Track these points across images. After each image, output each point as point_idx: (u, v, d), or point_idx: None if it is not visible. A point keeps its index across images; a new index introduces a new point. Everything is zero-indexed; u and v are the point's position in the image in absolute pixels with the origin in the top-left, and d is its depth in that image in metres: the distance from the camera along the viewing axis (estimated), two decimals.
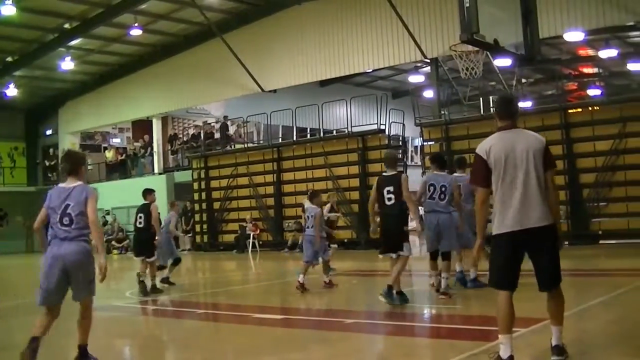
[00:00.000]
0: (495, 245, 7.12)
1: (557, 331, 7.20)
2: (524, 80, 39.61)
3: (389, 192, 11.74)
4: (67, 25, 34.05)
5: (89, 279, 8.16)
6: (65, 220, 8.12)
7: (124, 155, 44.95)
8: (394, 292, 11.79)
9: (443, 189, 12.42)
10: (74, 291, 8.15)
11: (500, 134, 7.25)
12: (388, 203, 11.84)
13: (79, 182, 8.56)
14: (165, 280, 17.28)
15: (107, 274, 7.99)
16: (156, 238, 16.17)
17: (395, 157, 13.49)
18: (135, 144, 44.86)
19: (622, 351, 7.87)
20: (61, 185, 8.67)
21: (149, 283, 16.17)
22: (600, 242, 24.95)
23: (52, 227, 8.13)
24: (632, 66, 39.85)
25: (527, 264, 7.17)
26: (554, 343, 7.23)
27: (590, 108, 27.03)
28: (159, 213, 16.60)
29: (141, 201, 16.64)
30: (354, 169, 30.84)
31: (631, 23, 28.80)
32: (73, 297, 8.16)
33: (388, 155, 12.88)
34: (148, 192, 16.69)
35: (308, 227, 15.12)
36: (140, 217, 16.40)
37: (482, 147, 7.18)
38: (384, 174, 12.12)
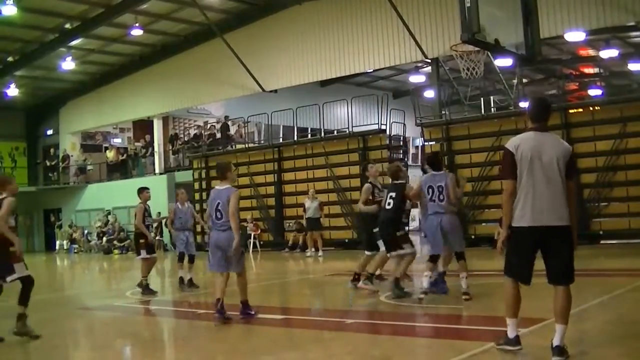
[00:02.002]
0: (515, 237, 7.44)
1: (561, 330, 7.35)
2: (524, 80, 39.59)
3: (390, 197, 13.01)
4: (67, 25, 34.04)
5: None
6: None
7: (124, 155, 44.92)
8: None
9: (440, 189, 12.40)
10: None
11: (531, 134, 7.61)
12: (387, 207, 13.08)
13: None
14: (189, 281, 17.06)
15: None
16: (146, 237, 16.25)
17: (394, 170, 13.95)
18: (137, 144, 44.84)
19: (622, 352, 7.86)
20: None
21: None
22: (601, 242, 24.93)
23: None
24: (633, 66, 39.86)
25: (538, 264, 7.21)
26: (555, 343, 7.35)
27: (590, 108, 27.02)
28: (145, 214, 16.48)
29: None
30: (355, 169, 30.80)
31: (632, 23, 28.80)
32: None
33: (389, 168, 14.33)
34: (140, 191, 16.68)
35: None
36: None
37: (512, 143, 7.52)
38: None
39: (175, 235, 17.38)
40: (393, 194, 13.11)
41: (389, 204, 13.21)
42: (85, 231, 42.26)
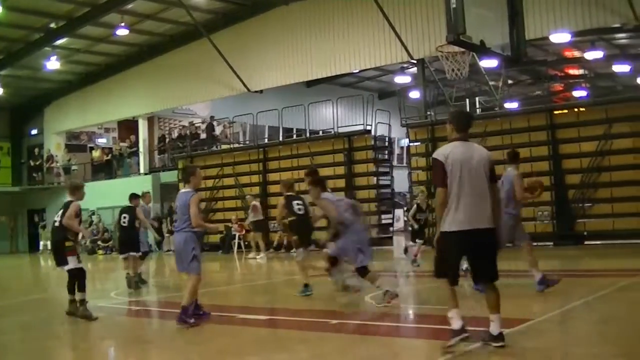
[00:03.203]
0: (445, 241, 7.94)
1: (497, 319, 8.01)
2: (510, 82, 39.68)
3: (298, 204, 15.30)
4: (52, 25, 33.84)
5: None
6: None
7: (109, 155, 44.75)
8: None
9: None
10: None
11: (457, 143, 8.03)
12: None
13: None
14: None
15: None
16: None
17: (290, 184, 16.34)
18: (122, 144, 44.69)
19: (606, 351, 7.88)
20: None
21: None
22: (586, 242, 25.04)
23: None
24: (618, 68, 39.99)
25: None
26: (496, 331, 7.99)
27: (576, 109, 27.14)
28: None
29: (126, 201, 17.44)
30: (340, 170, 30.86)
31: (617, 25, 28.90)
32: None
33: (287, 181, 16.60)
34: (134, 197, 18.06)
35: None
36: (125, 217, 17.52)
37: (441, 152, 8.00)
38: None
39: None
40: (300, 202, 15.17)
41: (299, 209, 15.29)
42: None
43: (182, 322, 10.81)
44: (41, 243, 43.22)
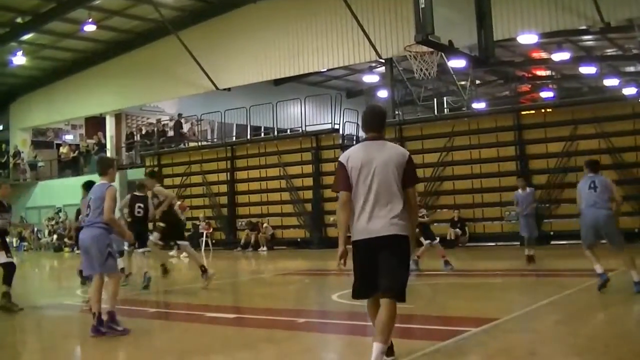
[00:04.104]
0: (354, 252, 7.08)
1: (378, 349, 6.68)
2: (477, 82, 39.87)
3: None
4: (19, 20, 33.55)
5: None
6: None
7: (76, 152, 44.42)
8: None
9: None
10: None
11: (363, 144, 7.22)
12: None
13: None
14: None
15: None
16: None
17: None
18: (89, 140, 44.37)
19: (570, 351, 7.94)
20: None
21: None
22: (552, 242, 25.20)
23: None
24: (584, 69, 40.34)
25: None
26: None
27: (542, 110, 27.37)
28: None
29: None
30: (308, 168, 30.89)
31: (583, 27, 29.16)
32: None
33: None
34: (143, 186, 17.62)
35: None
36: (140, 207, 16.89)
37: (344, 155, 7.19)
38: None
39: None
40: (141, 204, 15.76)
41: (138, 212, 16.46)
42: (35, 229, 41.76)
43: (111, 329, 10.04)
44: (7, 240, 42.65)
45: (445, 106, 32.43)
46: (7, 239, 12.91)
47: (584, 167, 13.38)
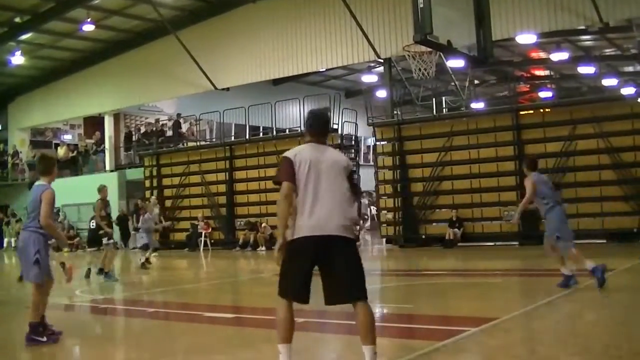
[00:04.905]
0: (293, 250, 6.84)
1: (370, 352, 6.85)
2: (476, 82, 39.90)
3: None
4: (17, 19, 33.55)
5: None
6: None
7: (75, 152, 44.38)
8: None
9: None
10: None
11: (310, 145, 7.14)
12: None
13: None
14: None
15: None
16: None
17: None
18: (88, 140, 44.34)
19: (570, 351, 7.94)
20: None
21: None
22: None
23: None
24: (583, 69, 40.37)
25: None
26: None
27: (541, 110, 27.37)
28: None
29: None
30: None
31: (582, 27, 29.17)
32: None
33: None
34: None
35: None
36: None
37: (291, 152, 7.15)
38: None
39: None
40: None
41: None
42: None
43: (31, 341, 9.48)
44: (5, 240, 42.78)
45: (444, 106, 32.42)
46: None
47: (532, 165, 13.59)
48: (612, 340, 8.37)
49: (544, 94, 43.11)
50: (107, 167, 41.28)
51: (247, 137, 35.97)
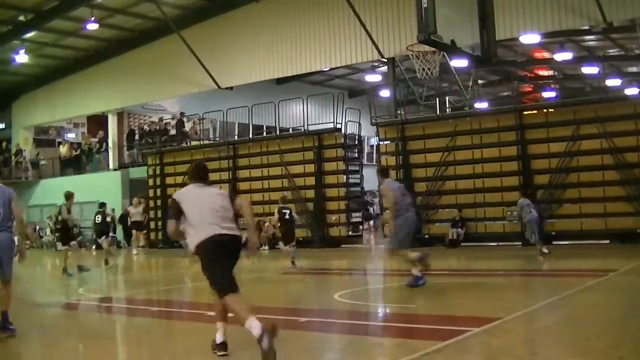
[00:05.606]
0: (203, 253, 8.38)
1: (222, 327, 8.60)
2: (480, 82, 39.86)
3: None
4: (21, 18, 33.62)
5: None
6: None
7: (78, 150, 44.39)
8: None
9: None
10: None
11: (193, 186, 8.78)
12: None
13: None
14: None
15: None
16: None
17: None
18: (92, 139, 44.35)
19: (572, 352, 7.93)
20: None
21: None
22: (554, 242, 25.15)
23: None
24: (586, 69, 40.32)
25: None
26: (221, 339, 8.57)
27: (544, 110, 27.32)
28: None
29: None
30: (310, 167, 30.87)
31: (586, 27, 29.16)
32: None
33: None
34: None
35: None
36: None
37: (178, 194, 8.69)
38: None
39: None
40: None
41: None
42: (37, 227, 41.75)
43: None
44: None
45: (447, 106, 32.41)
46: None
47: (385, 172, 14.81)
48: (615, 341, 8.36)
49: (548, 94, 43.09)
50: (111, 166, 41.30)
51: (251, 136, 35.97)
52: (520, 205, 20.64)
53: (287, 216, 20.60)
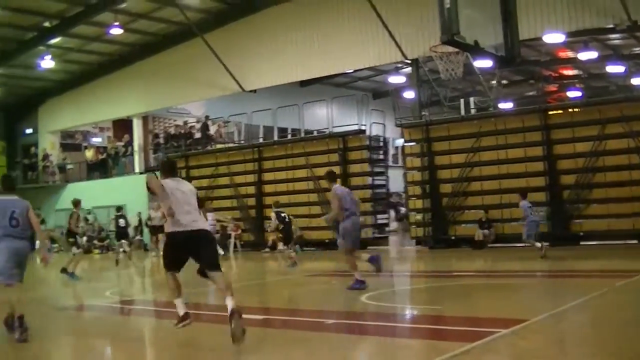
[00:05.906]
0: (168, 240, 9.82)
1: (230, 300, 9.27)
2: (504, 82, 39.71)
3: None
4: (46, 24, 33.89)
5: None
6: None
7: (104, 154, 44.62)
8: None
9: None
10: None
11: (170, 179, 9.95)
12: None
13: None
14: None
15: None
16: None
17: None
18: (118, 143, 44.56)
19: (601, 353, 7.89)
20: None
21: None
22: (581, 243, 25.05)
23: None
24: (611, 68, 40.04)
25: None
26: (232, 307, 9.20)
27: (570, 110, 27.20)
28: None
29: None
30: (335, 170, 30.83)
31: (610, 25, 28.93)
32: None
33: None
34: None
35: None
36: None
37: (163, 182, 9.77)
38: None
39: None
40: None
41: None
42: (64, 231, 41.93)
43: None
44: (37, 242, 42.97)
45: (471, 106, 32.29)
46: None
47: (333, 178, 15.43)
48: None
49: (573, 94, 42.83)
50: (137, 169, 41.48)
51: (275, 138, 36.04)
52: (523, 208, 21.00)
53: (287, 219, 23.43)
